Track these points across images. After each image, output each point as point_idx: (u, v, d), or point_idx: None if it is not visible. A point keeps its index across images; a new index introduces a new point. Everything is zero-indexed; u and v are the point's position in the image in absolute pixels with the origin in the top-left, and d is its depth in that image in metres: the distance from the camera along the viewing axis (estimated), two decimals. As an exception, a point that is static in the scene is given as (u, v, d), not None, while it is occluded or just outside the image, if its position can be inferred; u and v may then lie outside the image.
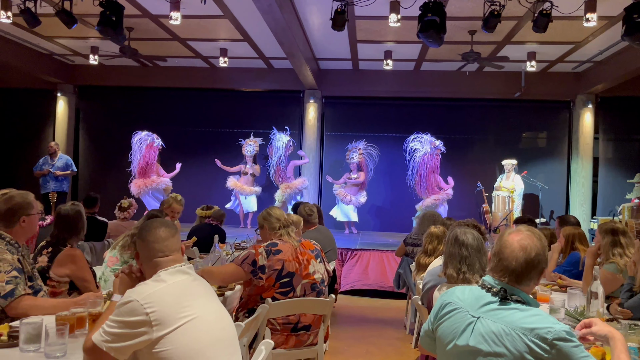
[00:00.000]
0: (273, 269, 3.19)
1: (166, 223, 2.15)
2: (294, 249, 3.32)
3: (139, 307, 1.85)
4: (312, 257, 3.39)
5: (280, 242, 3.33)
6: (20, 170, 10.97)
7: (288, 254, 3.26)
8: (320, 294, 3.38)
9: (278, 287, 3.20)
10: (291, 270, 3.23)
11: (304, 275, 3.29)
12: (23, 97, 11.31)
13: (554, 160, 10.66)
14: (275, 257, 3.21)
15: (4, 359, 2.00)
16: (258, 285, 3.20)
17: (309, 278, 3.31)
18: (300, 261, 3.29)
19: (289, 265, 3.23)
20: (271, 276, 3.19)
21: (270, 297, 3.17)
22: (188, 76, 10.77)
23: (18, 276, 2.61)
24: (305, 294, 3.29)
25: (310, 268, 3.33)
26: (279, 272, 3.20)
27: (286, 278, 3.21)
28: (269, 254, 3.21)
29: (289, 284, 3.22)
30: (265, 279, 3.18)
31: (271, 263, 3.19)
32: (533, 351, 1.64)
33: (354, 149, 9.84)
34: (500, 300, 1.77)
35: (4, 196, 2.81)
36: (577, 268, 4.18)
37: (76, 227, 3.38)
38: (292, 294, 3.24)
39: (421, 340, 2.07)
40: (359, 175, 9.82)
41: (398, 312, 6.52)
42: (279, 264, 3.20)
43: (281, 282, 3.20)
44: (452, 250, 2.67)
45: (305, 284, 3.29)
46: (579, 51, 8.70)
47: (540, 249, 1.81)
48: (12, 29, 8.42)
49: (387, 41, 8.55)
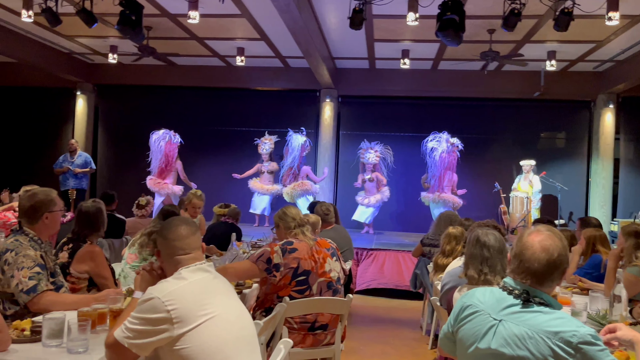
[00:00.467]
0: (289, 267, 3.19)
1: (187, 221, 2.16)
2: (309, 248, 3.32)
3: (160, 305, 1.86)
4: (327, 255, 3.39)
5: (295, 240, 3.33)
6: (41, 167, 11.15)
7: (304, 252, 3.27)
8: (336, 292, 3.38)
9: (294, 285, 3.20)
10: (307, 269, 3.23)
11: (320, 273, 3.29)
12: (43, 95, 11.48)
13: (574, 161, 10.51)
14: (291, 256, 3.21)
15: (27, 353, 2.02)
16: (273, 283, 3.20)
17: (325, 276, 3.31)
18: (316, 259, 3.29)
19: (305, 263, 3.23)
20: (287, 274, 3.19)
21: (287, 296, 3.18)
22: (205, 75, 10.83)
23: (40, 272, 2.64)
24: (322, 292, 3.28)
25: (326, 266, 3.33)
26: (295, 270, 3.20)
27: (302, 276, 3.22)
28: (285, 253, 3.22)
29: (305, 282, 3.22)
30: (280, 277, 3.18)
31: (287, 261, 3.20)
32: (557, 355, 1.61)
33: (369, 149, 9.76)
34: (522, 302, 1.74)
35: (28, 193, 2.85)
36: (598, 271, 4.12)
37: (96, 224, 3.41)
38: (309, 292, 3.23)
39: (440, 342, 2.05)
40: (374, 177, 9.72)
41: (414, 313, 6.49)
42: (295, 262, 3.21)
43: (297, 281, 3.20)
44: (473, 251, 2.64)
45: (321, 282, 3.29)
46: (600, 50, 8.57)
47: (562, 250, 1.77)
48: (33, 28, 8.55)
49: (404, 40, 8.50)
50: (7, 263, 2.63)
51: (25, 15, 6.66)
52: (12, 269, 2.61)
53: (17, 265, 2.61)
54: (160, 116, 11.08)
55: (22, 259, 2.63)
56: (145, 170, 10.15)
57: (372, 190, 9.76)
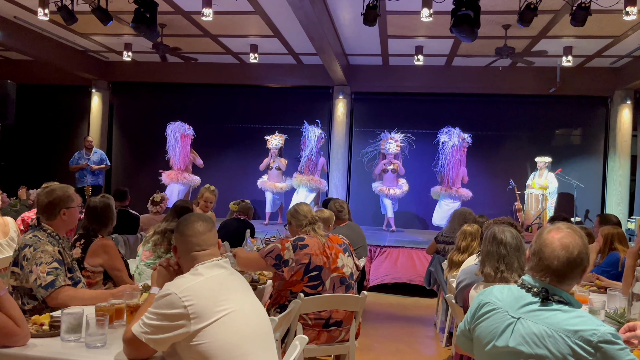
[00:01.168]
0: (300, 263, 3.20)
1: (203, 217, 2.18)
2: (321, 244, 3.32)
3: (177, 300, 1.87)
4: (340, 250, 3.39)
5: (307, 236, 3.34)
6: (57, 164, 11.29)
7: (315, 247, 3.27)
8: (349, 288, 3.38)
9: (307, 281, 3.21)
10: (319, 264, 3.24)
11: (333, 269, 3.29)
12: (59, 93, 11.61)
13: (590, 157, 10.38)
14: (302, 252, 3.23)
15: (46, 347, 2.05)
16: (284, 278, 3.22)
17: (337, 272, 3.31)
18: (327, 255, 3.30)
19: (316, 259, 3.24)
20: (299, 270, 3.20)
21: (300, 292, 3.18)
22: (219, 72, 10.87)
23: (59, 267, 2.67)
24: (335, 288, 3.29)
25: (338, 262, 3.33)
26: (307, 266, 3.21)
27: (314, 272, 3.22)
28: (296, 249, 3.23)
29: (318, 278, 3.23)
30: (292, 274, 3.20)
31: (298, 257, 3.21)
32: (577, 354, 1.59)
33: (389, 139, 9.59)
34: (541, 300, 1.72)
35: (46, 189, 2.89)
36: (616, 269, 4.06)
37: (105, 219, 3.43)
38: (322, 288, 3.24)
39: (457, 339, 2.04)
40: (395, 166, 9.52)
41: (428, 310, 6.47)
42: (306, 257, 3.22)
43: (310, 276, 3.21)
44: (490, 249, 2.62)
45: (334, 277, 3.29)
46: (618, 45, 8.44)
47: (583, 247, 1.75)
48: (49, 26, 8.64)
49: (418, 36, 8.45)
50: (25, 258, 2.67)
51: (42, 13, 6.73)
52: (31, 264, 2.65)
53: (36, 261, 2.64)
54: (174, 113, 11.12)
55: (40, 254, 2.66)
56: (160, 167, 10.22)
57: (393, 182, 9.55)
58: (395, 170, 9.55)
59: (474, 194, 9.69)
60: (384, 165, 9.62)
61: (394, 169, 9.51)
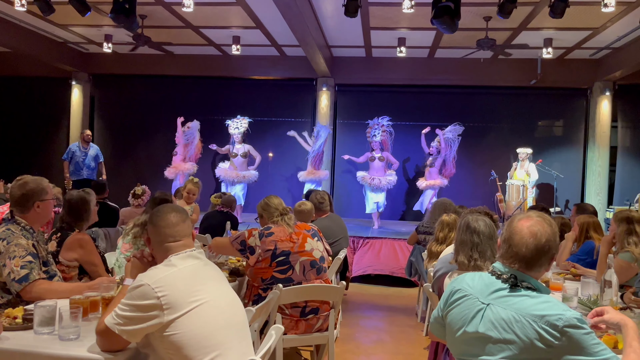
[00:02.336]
0: (266, 250, 3.29)
1: (177, 208, 2.17)
2: (287, 232, 3.41)
3: (150, 291, 1.87)
4: (307, 235, 3.47)
5: (272, 225, 3.44)
6: (36, 157, 11.14)
7: (280, 234, 3.36)
8: (320, 270, 3.46)
9: (275, 266, 3.30)
10: (285, 249, 3.32)
11: (300, 252, 3.36)
12: (38, 85, 11.41)
13: (570, 148, 10.52)
14: (268, 239, 3.32)
15: (19, 340, 2.03)
16: (250, 264, 3.35)
17: (306, 255, 3.37)
18: (294, 240, 3.38)
19: (282, 244, 3.32)
20: (266, 257, 3.29)
21: (269, 277, 3.27)
22: (201, 64, 10.78)
23: (32, 261, 2.65)
24: (305, 271, 3.35)
25: (306, 246, 3.40)
26: (273, 252, 3.29)
27: (281, 257, 3.30)
28: (262, 237, 3.34)
29: (286, 262, 3.31)
30: (258, 260, 3.30)
31: (264, 244, 3.30)
32: (543, 338, 1.62)
33: (376, 126, 9.41)
34: (510, 286, 1.75)
35: (19, 182, 2.85)
36: (591, 257, 4.14)
37: (82, 213, 3.40)
38: (292, 272, 3.31)
39: (431, 326, 2.07)
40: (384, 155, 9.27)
41: (409, 300, 6.53)
42: (272, 244, 3.30)
43: (278, 261, 3.30)
44: (463, 237, 2.65)
45: (303, 261, 3.35)
46: (597, 37, 8.54)
47: (551, 235, 1.78)
48: (26, 17, 8.48)
49: (400, 28, 8.46)
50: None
51: (19, 4, 6.61)
52: (4, 258, 2.61)
53: (9, 255, 2.61)
54: (156, 106, 11.07)
55: (14, 247, 2.63)
56: (142, 159, 10.12)
57: (379, 171, 9.25)
58: (383, 159, 9.33)
59: (456, 185, 9.77)
60: (371, 154, 9.37)
61: (381, 157, 9.30)
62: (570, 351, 1.61)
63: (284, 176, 10.84)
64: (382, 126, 9.42)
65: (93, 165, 9.18)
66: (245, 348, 2.05)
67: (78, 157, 9.07)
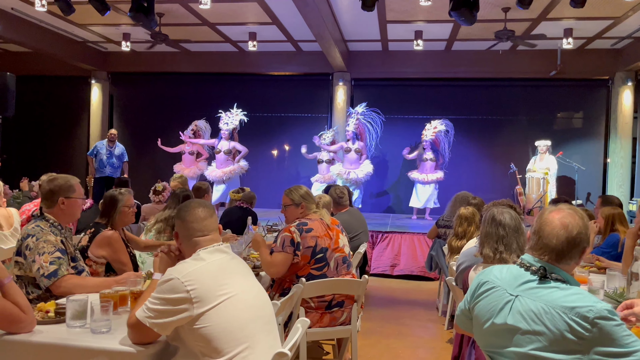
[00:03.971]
0: (307, 247, 3.24)
1: (204, 203, 2.19)
2: (323, 226, 3.36)
3: (180, 285, 1.90)
4: (339, 231, 3.46)
5: (308, 220, 3.35)
6: (58, 155, 11.33)
7: (319, 230, 3.31)
8: (350, 266, 3.47)
9: (313, 263, 3.25)
10: (324, 246, 3.28)
11: (335, 249, 3.35)
12: (59, 84, 11.60)
13: (591, 140, 10.37)
14: (308, 235, 3.26)
15: (53, 334, 2.07)
16: (293, 263, 3.23)
17: (339, 251, 3.37)
18: (330, 236, 3.35)
19: (322, 241, 3.29)
20: (306, 254, 3.24)
21: (305, 275, 3.21)
22: (218, 61, 10.85)
23: (61, 257, 2.70)
24: (338, 267, 3.34)
25: (339, 242, 3.39)
26: (313, 248, 3.25)
27: (320, 254, 3.27)
28: (302, 232, 3.26)
29: (323, 259, 3.28)
30: (300, 257, 3.23)
31: (305, 241, 3.24)
32: (574, 330, 1.61)
33: (353, 114, 9.31)
34: (539, 278, 1.74)
35: (49, 177, 2.92)
36: (616, 250, 4.09)
37: (109, 211, 3.44)
38: (327, 269, 3.29)
39: (457, 319, 2.06)
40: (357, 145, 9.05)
41: (430, 294, 6.51)
42: (313, 240, 3.25)
43: (316, 259, 3.25)
44: (489, 230, 2.63)
45: (337, 257, 3.34)
46: (618, 27, 8.39)
47: (583, 228, 1.76)
48: (47, 17, 8.62)
49: (417, 21, 8.40)
50: (28, 248, 2.69)
51: (39, 4, 6.72)
52: (34, 254, 2.67)
53: (39, 251, 2.67)
54: (173, 102, 11.18)
55: (43, 244, 2.68)
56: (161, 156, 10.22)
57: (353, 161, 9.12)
58: (359, 151, 9.10)
59: (475, 178, 9.69)
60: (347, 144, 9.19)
61: (357, 149, 9.07)
62: (601, 343, 1.60)
63: (300, 172, 10.86)
64: (357, 115, 9.25)
65: (117, 164, 9.35)
66: (272, 341, 2.08)
67: (103, 155, 9.25)
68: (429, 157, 9.30)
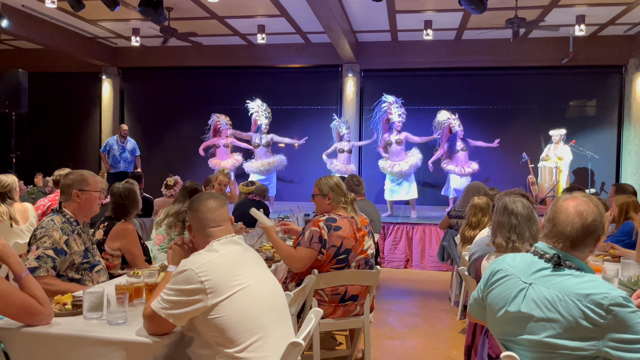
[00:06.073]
0: (332, 245, 3.19)
1: (214, 195, 2.22)
2: (352, 226, 3.29)
3: (194, 276, 1.92)
4: (366, 233, 3.39)
5: (338, 217, 3.29)
6: (71, 151, 11.44)
7: (347, 230, 3.24)
8: (372, 267, 3.41)
9: (334, 263, 3.21)
10: (348, 247, 3.23)
11: (359, 251, 3.30)
12: (70, 80, 11.69)
13: (604, 128, 10.24)
14: (335, 234, 3.20)
15: (71, 325, 2.11)
16: (317, 260, 3.18)
17: (363, 254, 3.33)
18: (357, 238, 3.29)
19: (347, 242, 3.23)
20: (330, 252, 3.19)
21: (325, 272, 3.19)
22: (227, 54, 10.85)
23: (51, 256, 2.68)
24: (359, 268, 3.31)
25: (364, 244, 3.34)
26: (338, 248, 3.20)
27: (343, 255, 3.22)
28: (330, 229, 3.19)
29: (345, 260, 3.24)
30: (325, 255, 3.19)
31: (331, 239, 3.19)
32: (588, 317, 1.61)
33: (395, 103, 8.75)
34: (553, 266, 1.74)
35: (66, 171, 2.97)
36: (630, 238, 4.05)
37: (128, 204, 3.50)
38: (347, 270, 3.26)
39: (470, 308, 2.06)
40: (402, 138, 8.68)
41: (442, 285, 6.51)
42: (339, 240, 3.20)
43: (338, 259, 3.21)
44: (501, 219, 2.62)
45: (360, 259, 3.30)
46: (632, 12, 8.25)
47: (597, 216, 1.75)
48: (57, 13, 8.67)
49: (427, 10, 8.34)
50: (35, 237, 2.75)
51: (49, 1, 6.76)
52: (34, 244, 2.72)
53: (38, 243, 2.71)
54: (183, 96, 11.22)
55: (45, 238, 2.71)
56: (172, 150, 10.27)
57: (401, 155, 8.71)
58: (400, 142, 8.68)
59: (486, 168, 9.61)
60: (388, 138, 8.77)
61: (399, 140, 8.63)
62: (615, 329, 1.60)
63: (310, 165, 10.85)
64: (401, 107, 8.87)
65: (130, 159, 9.46)
66: (286, 331, 2.09)
67: (115, 150, 9.33)
68: (459, 147, 8.98)
